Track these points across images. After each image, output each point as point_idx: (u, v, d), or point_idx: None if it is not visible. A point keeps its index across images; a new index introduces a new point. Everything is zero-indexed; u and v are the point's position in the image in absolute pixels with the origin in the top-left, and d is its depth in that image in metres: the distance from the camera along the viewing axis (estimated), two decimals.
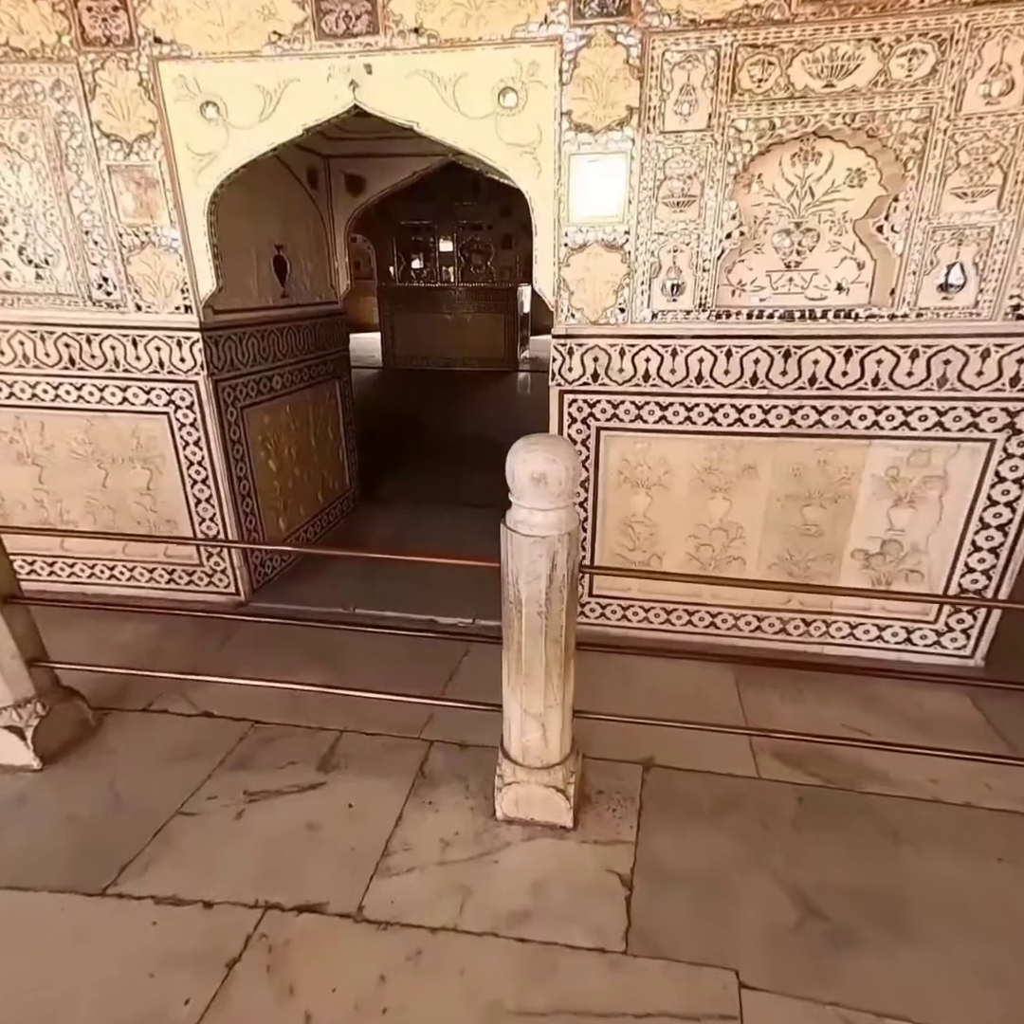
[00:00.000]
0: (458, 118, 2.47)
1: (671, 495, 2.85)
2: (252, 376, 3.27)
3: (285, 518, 3.73)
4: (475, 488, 5.34)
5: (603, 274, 2.56)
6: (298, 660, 2.94)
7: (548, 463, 1.62)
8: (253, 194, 3.13)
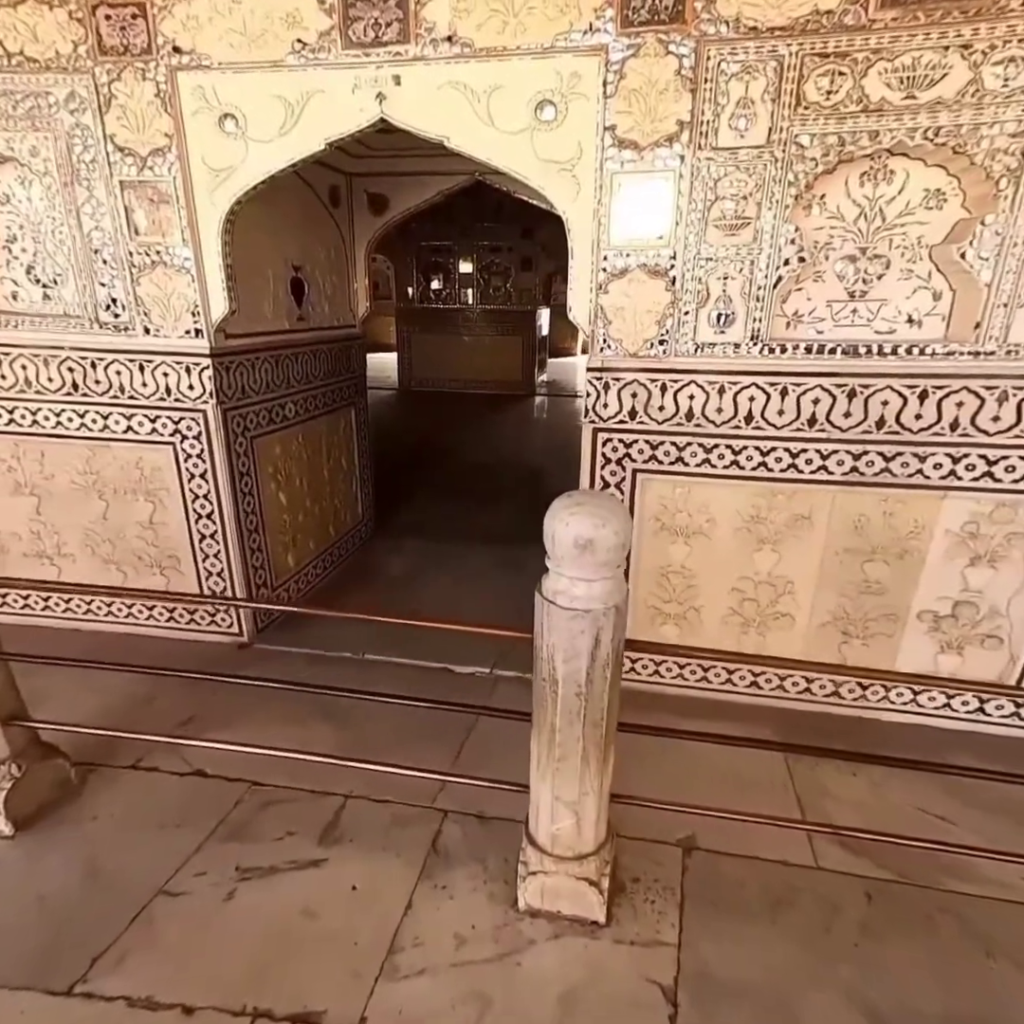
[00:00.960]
0: (491, 133, 2.29)
1: (713, 545, 2.59)
2: (264, 404, 3.08)
3: (294, 553, 3.51)
4: (492, 521, 5.12)
5: (645, 302, 2.34)
6: (303, 710, 2.69)
7: (595, 528, 1.38)
8: (271, 212, 2.97)
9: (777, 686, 2.73)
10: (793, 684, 2.72)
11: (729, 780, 2.30)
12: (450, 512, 5.34)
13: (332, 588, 3.88)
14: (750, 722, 2.65)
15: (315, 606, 3.57)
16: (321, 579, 3.85)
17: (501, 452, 7.39)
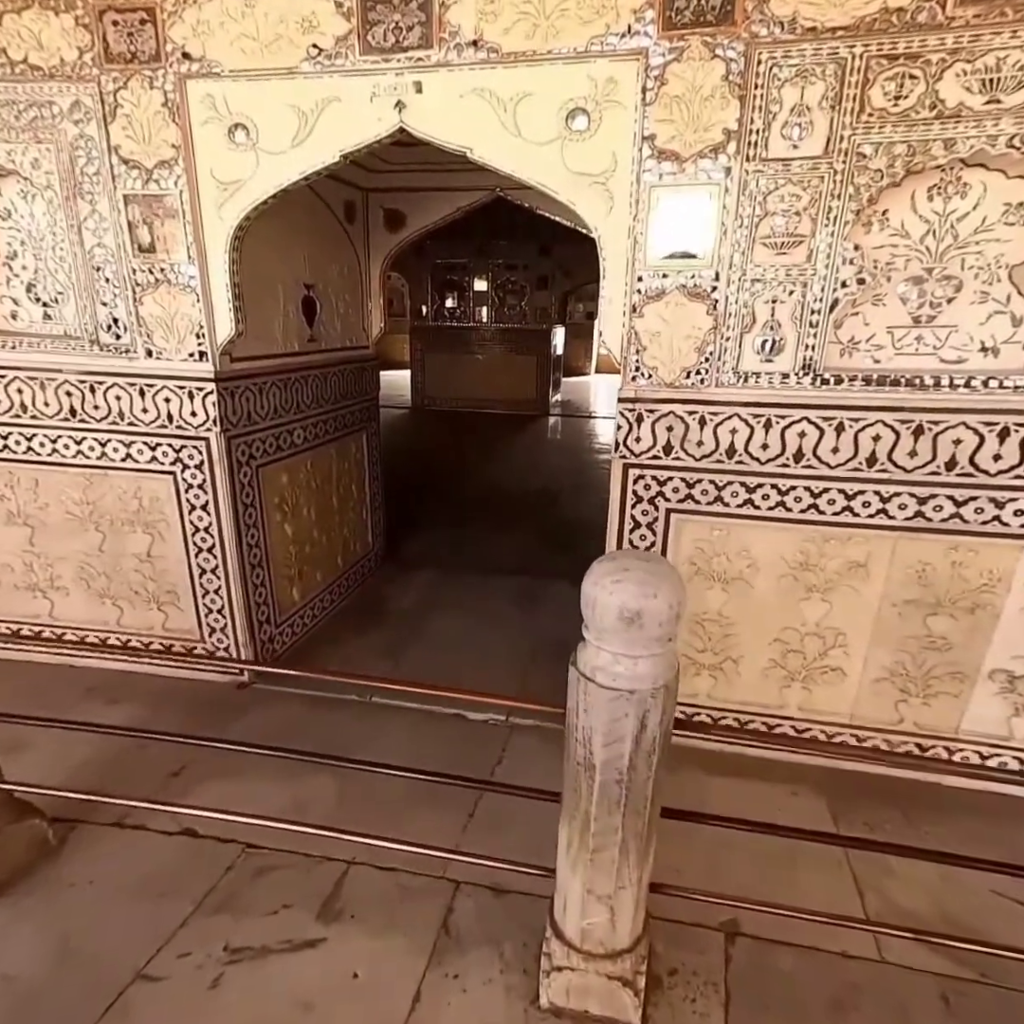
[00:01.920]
0: (518, 143, 2.11)
1: (754, 592, 2.36)
2: (271, 431, 2.91)
3: (300, 587, 3.31)
4: (506, 549, 4.91)
5: (684, 327, 2.14)
6: None
7: (644, 598, 1.17)
8: (283, 228, 2.82)
9: (823, 742, 2.48)
10: (842, 742, 2.47)
11: (775, 854, 2.05)
12: (463, 538, 5.13)
13: (338, 623, 3.67)
14: (792, 782, 2.40)
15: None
16: (328, 612, 3.65)
17: (515, 474, 7.20)
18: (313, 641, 3.45)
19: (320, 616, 3.58)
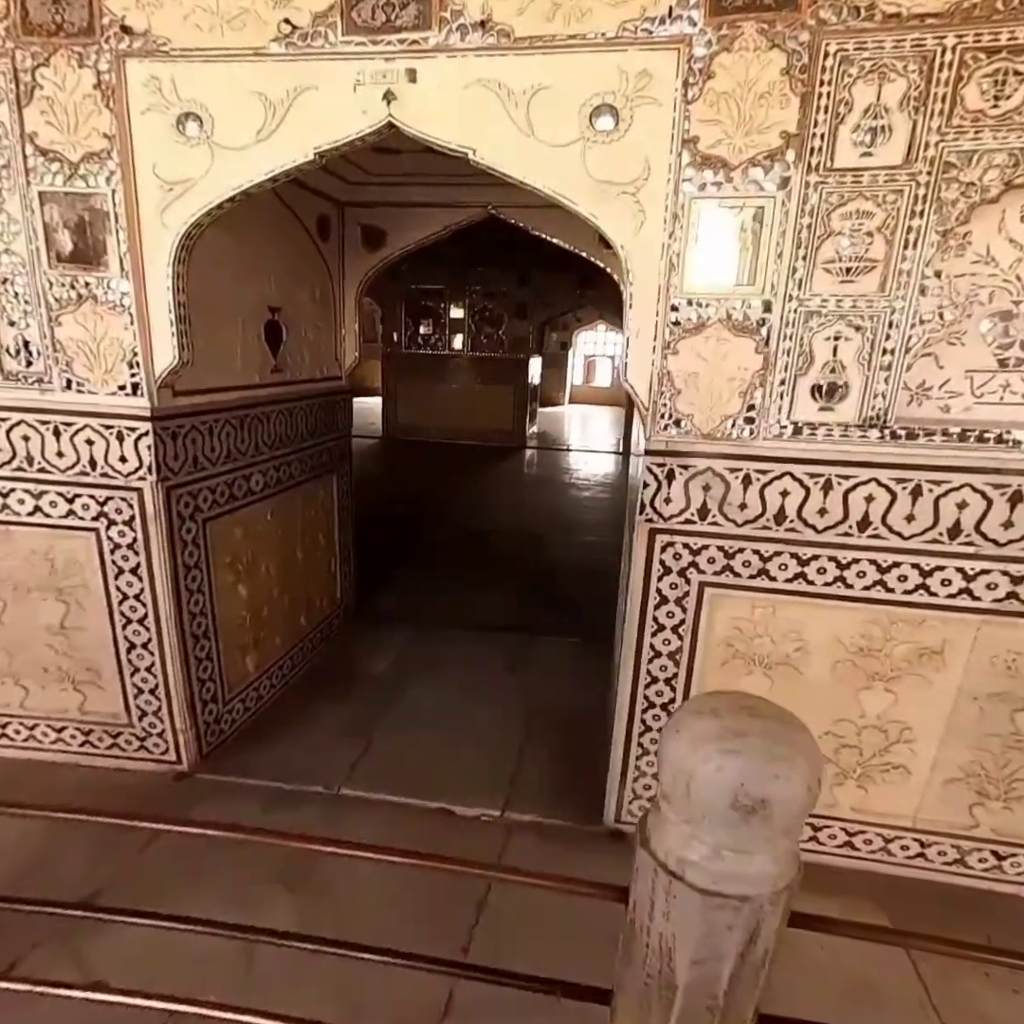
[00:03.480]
0: (531, 145, 1.76)
1: (803, 679, 1.99)
2: (223, 477, 2.45)
3: (255, 655, 2.83)
4: (487, 600, 4.46)
5: (727, 367, 1.78)
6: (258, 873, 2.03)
7: (776, 781, 0.76)
8: (244, 242, 2.41)
9: (880, 848, 2.13)
10: (902, 847, 2.11)
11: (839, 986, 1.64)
12: (440, 587, 4.67)
13: (300, 693, 3.17)
14: (844, 892, 2.00)
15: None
16: (289, 680, 3.16)
17: (494, 513, 6.78)
18: (270, 717, 2.95)
19: (279, 685, 3.08)
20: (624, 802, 2.29)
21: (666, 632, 2.05)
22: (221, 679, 2.62)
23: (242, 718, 2.80)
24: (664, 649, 2.07)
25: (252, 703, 2.87)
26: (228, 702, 2.69)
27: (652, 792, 2.25)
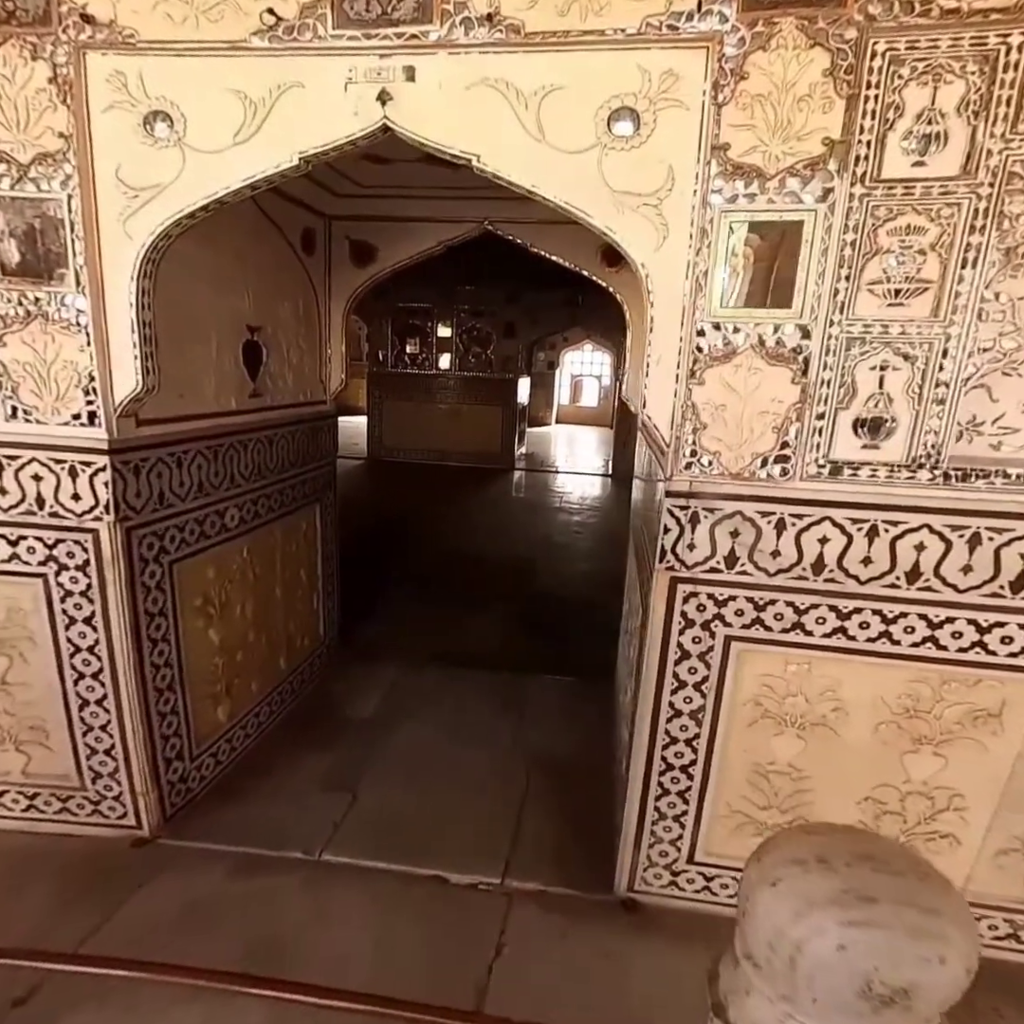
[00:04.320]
0: (541, 151, 1.59)
1: (840, 741, 1.80)
2: (194, 514, 2.22)
3: (227, 705, 2.57)
4: (479, 634, 4.23)
5: (759, 399, 1.60)
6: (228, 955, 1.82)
7: (923, 965, 0.57)
8: (220, 254, 2.21)
9: None
10: None
11: None
12: (429, 620, 4.43)
13: (279, 741, 2.91)
14: None
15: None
16: (266, 728, 2.90)
17: (483, 539, 6.55)
18: (244, 771, 2.69)
19: (255, 734, 2.82)
20: (638, 870, 2.08)
21: (687, 689, 1.85)
22: (188, 734, 2.36)
23: (212, 774, 2.54)
24: (685, 708, 1.87)
25: (224, 756, 2.61)
26: (196, 758, 2.43)
27: (669, 859, 2.04)
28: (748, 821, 1.95)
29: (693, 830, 2.00)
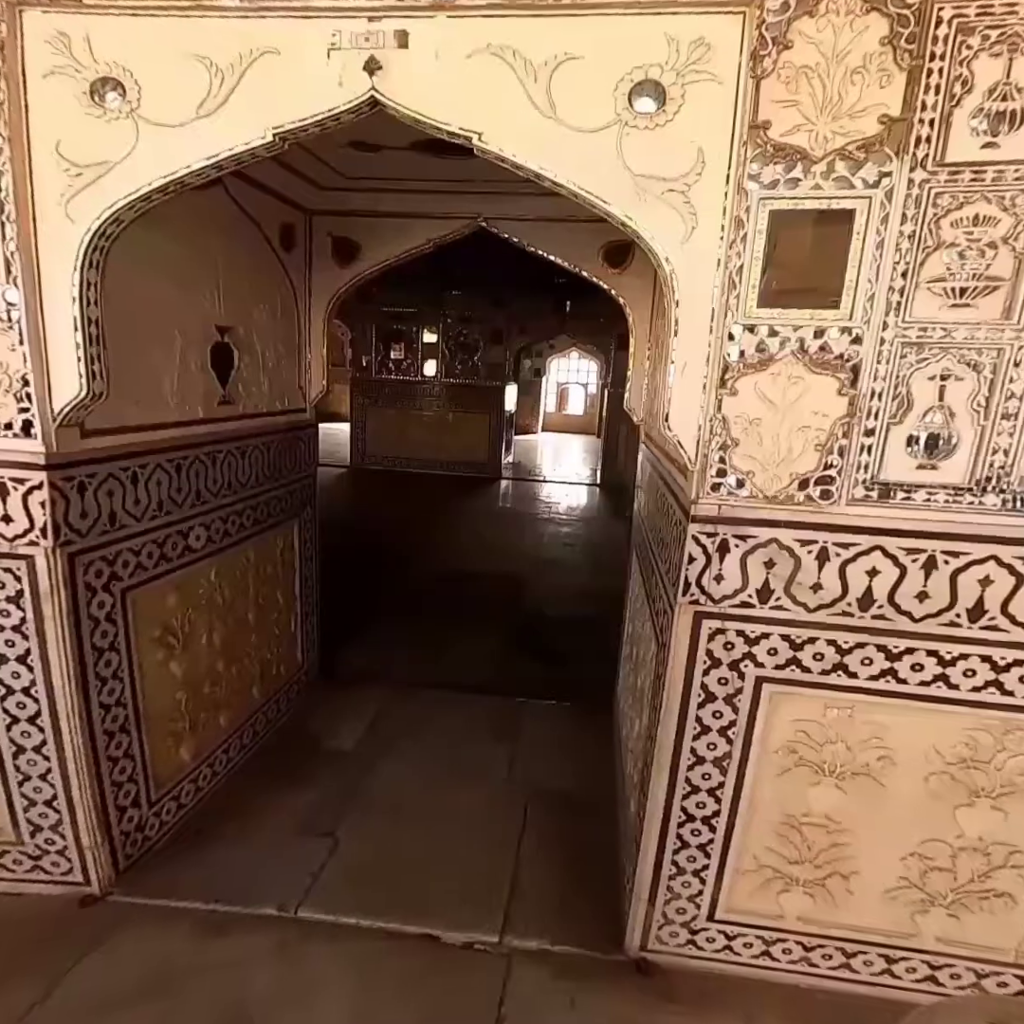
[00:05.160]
0: (552, 129, 1.39)
1: (885, 793, 1.62)
2: (152, 535, 1.98)
3: (192, 742, 2.33)
4: (468, 656, 3.99)
5: (800, 412, 1.41)
6: None
7: None
8: (186, 247, 1.98)
9: (972, 983, 1.76)
10: (1000, 983, 1.74)
11: None
12: (416, 640, 4.19)
13: (250, 778, 2.66)
14: None
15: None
16: (236, 764, 2.65)
17: (471, 552, 6.32)
18: (211, 814, 2.44)
19: (224, 772, 2.57)
20: (652, 927, 1.88)
21: (712, 735, 1.65)
22: (146, 778, 2.12)
23: (175, 819, 2.30)
24: (709, 755, 1.67)
25: (189, 798, 2.36)
26: (155, 803, 2.19)
27: (687, 917, 1.85)
28: (777, 876, 1.77)
29: (714, 886, 1.81)
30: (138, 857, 2.13)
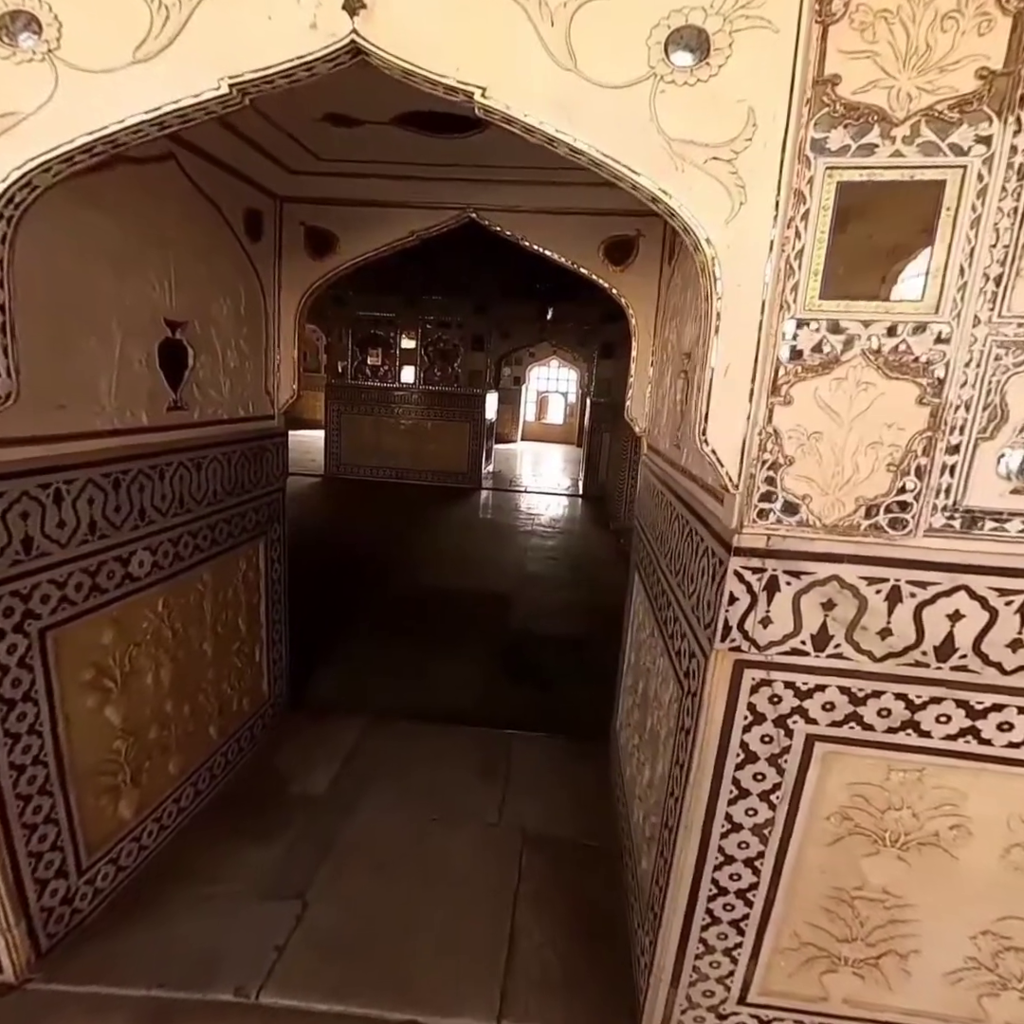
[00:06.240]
0: (571, 83, 1.15)
1: (957, 865, 1.41)
2: (82, 563, 1.67)
3: (134, 796, 2.03)
4: (451, 681, 3.70)
5: (870, 425, 1.18)
6: None
7: None
8: (130, 227, 1.70)
9: None
10: None
11: None
12: (393, 666, 3.88)
13: (205, 835, 2.35)
14: None
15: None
16: (187, 816, 2.34)
17: (452, 567, 6.02)
18: (159, 873, 2.16)
19: (174, 825, 2.27)
20: (674, 1012, 1.65)
21: (751, 799, 1.42)
22: (74, 843, 1.82)
23: (112, 885, 2.00)
24: (747, 821, 1.44)
25: (130, 859, 2.06)
26: (87, 870, 1.90)
27: (715, 1000, 1.61)
28: (821, 955, 1.54)
29: (748, 966, 1.58)
30: (64, 935, 1.84)
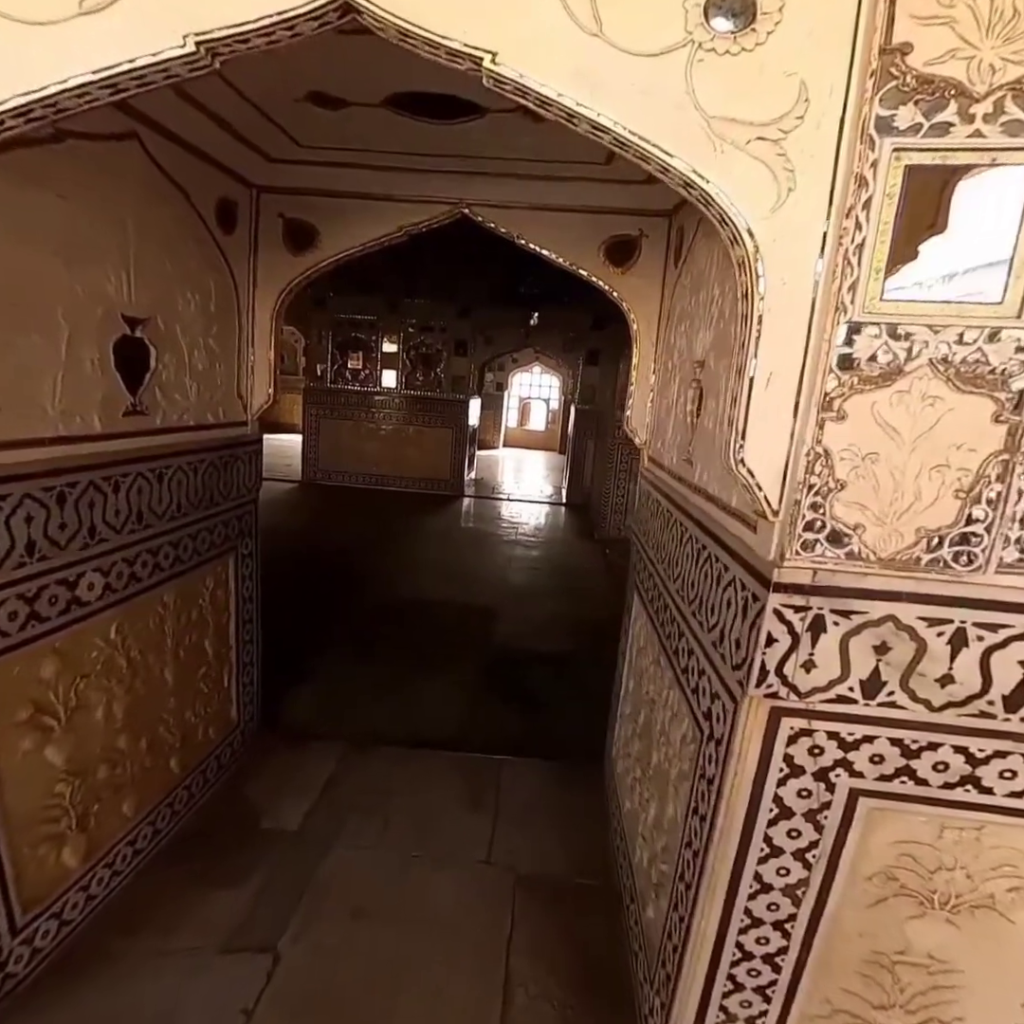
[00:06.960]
0: (597, 49, 1.00)
1: (1013, 930, 1.27)
2: (15, 588, 1.48)
3: (81, 842, 1.83)
4: (438, 703, 3.51)
5: (936, 446, 1.04)
6: None
7: None
8: (82, 212, 1.51)
9: None
10: None
11: None
12: (373, 686, 3.68)
13: (162, 880, 2.14)
14: None
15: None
16: (142, 861, 2.13)
17: (434, 579, 5.81)
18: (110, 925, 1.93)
19: (129, 870, 2.07)
20: None
21: (783, 858, 1.27)
22: (6, 901, 1.62)
23: (55, 942, 1.80)
24: (778, 881, 1.29)
25: (76, 912, 1.86)
26: (24, 929, 1.70)
27: None
28: (856, 1022, 1.40)
29: None
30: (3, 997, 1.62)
